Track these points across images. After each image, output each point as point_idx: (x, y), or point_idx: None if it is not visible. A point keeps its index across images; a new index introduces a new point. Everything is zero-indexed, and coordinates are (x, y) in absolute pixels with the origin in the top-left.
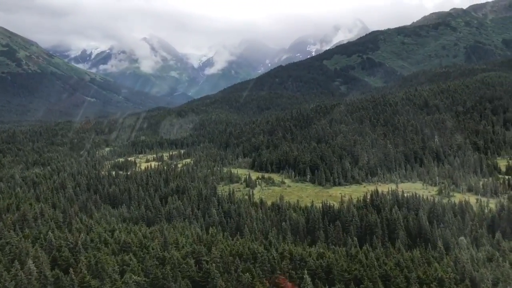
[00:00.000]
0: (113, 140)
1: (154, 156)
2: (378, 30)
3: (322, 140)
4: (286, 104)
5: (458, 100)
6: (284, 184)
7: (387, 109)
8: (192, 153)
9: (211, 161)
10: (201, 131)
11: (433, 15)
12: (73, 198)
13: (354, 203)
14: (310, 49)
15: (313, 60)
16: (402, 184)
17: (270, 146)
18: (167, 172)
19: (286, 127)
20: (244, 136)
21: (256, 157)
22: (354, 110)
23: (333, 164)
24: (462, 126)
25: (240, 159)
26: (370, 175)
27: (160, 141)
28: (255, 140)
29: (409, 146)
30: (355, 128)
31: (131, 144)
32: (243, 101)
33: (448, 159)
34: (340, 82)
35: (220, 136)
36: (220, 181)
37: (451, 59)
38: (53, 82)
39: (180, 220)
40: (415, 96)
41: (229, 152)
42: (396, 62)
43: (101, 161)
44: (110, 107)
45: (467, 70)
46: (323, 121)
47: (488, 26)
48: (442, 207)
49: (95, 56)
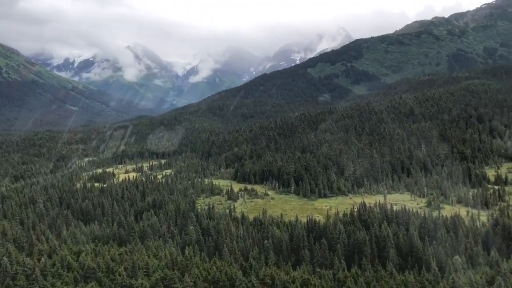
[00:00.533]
0: (93, 150)
1: (134, 166)
2: (361, 39)
3: (307, 149)
4: (270, 112)
5: (443, 108)
6: (268, 196)
7: (373, 117)
8: (174, 163)
9: (192, 171)
10: (184, 140)
11: (415, 24)
12: (43, 214)
13: (341, 217)
14: (294, 57)
15: (298, 68)
16: (389, 195)
17: (254, 156)
18: (144, 184)
19: (270, 136)
20: (227, 145)
21: (239, 168)
22: (339, 119)
23: (318, 175)
24: (448, 135)
25: (223, 169)
26: (357, 186)
27: (141, 151)
28: (238, 150)
29: (396, 155)
30: (340, 137)
31: (111, 155)
32: (227, 109)
33: (436, 169)
34: (324, 90)
35: (202, 146)
36: (201, 193)
37: (434, 67)
38: (34, 91)
39: (155, 238)
40: (400, 104)
41: (211, 162)
42: (379, 70)
43: (79, 173)
44: (93, 116)
45: (451, 78)
46: (308, 129)
47: (469, 34)
48: (434, 222)
49: (78, 64)
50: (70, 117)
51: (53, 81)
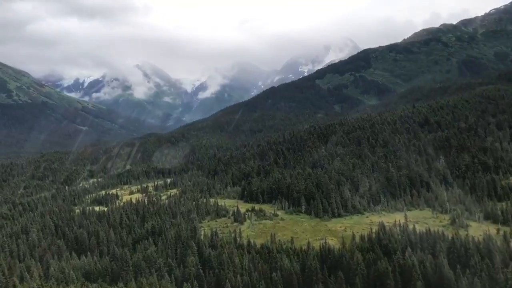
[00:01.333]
0: (98, 171)
1: (139, 187)
2: (369, 48)
3: (317, 164)
4: (279, 126)
5: (459, 116)
6: (277, 216)
7: (386, 128)
8: (179, 182)
9: (197, 191)
10: (190, 157)
11: (423, 31)
12: (35, 245)
13: (358, 242)
14: (302, 70)
15: (305, 80)
16: (409, 212)
17: (261, 173)
18: (145, 208)
19: (278, 151)
20: (234, 162)
21: (246, 186)
22: (351, 130)
23: (331, 192)
24: (467, 144)
25: (229, 188)
26: (373, 203)
27: (147, 170)
28: (245, 167)
29: (413, 168)
30: (353, 150)
31: (117, 175)
32: (235, 124)
33: (457, 181)
34: (333, 101)
35: (209, 163)
36: (205, 215)
37: (444, 74)
38: (44, 112)
39: (151, 272)
40: (414, 113)
41: (217, 180)
42: (389, 79)
43: (82, 196)
44: (102, 135)
45: (464, 84)
46: (318, 143)
47: (479, 40)
48: (464, 245)
49: (88, 84)
50: (79, 137)
51: (63, 101)
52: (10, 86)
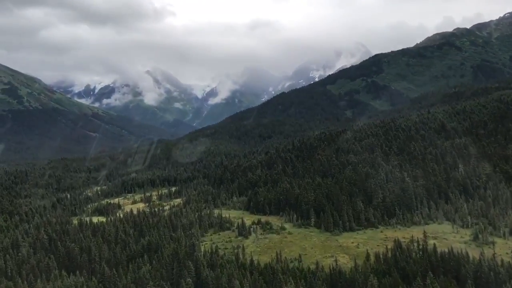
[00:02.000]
0: (104, 178)
1: (143, 196)
2: (381, 53)
3: (328, 173)
4: (289, 132)
5: (477, 122)
6: (284, 230)
7: (400, 135)
8: (184, 191)
9: (202, 201)
10: (197, 165)
11: (436, 36)
12: (24, 261)
13: (372, 264)
14: (313, 75)
15: (316, 86)
16: (426, 226)
17: (269, 182)
18: (143, 221)
19: (287, 159)
20: (240, 170)
21: (252, 197)
22: (363, 137)
23: (342, 204)
24: (488, 152)
25: (235, 198)
26: (387, 216)
27: (152, 178)
28: (252, 175)
29: (431, 178)
30: (366, 159)
31: (121, 183)
32: (244, 130)
33: (478, 192)
34: (345, 107)
35: (215, 171)
36: (208, 228)
37: (458, 79)
38: (55, 118)
39: None
40: (429, 119)
41: (223, 189)
42: (401, 84)
43: (83, 204)
44: (112, 141)
45: (480, 89)
46: (328, 150)
47: (494, 44)
48: (493, 269)
49: (99, 91)
50: (89, 144)
51: (73, 108)
52: (21, 92)
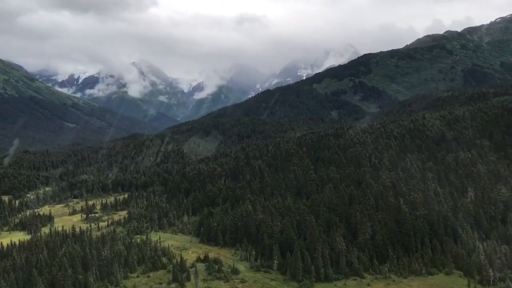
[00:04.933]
0: (55, 178)
1: (89, 203)
2: (370, 53)
3: (303, 191)
4: (269, 132)
5: (481, 131)
6: (237, 274)
7: (392, 144)
8: (134, 201)
9: (146, 219)
10: (158, 168)
11: (427, 38)
12: None
13: None
14: (301, 74)
15: (303, 84)
16: (430, 278)
17: (229, 199)
18: (54, 250)
19: (255, 169)
20: (200, 180)
21: (204, 219)
22: (348, 145)
23: (317, 241)
24: (502, 171)
25: (186, 218)
26: (377, 259)
27: (104, 182)
28: (212, 188)
29: (434, 206)
30: (350, 174)
31: (69, 185)
32: (222, 128)
33: (493, 225)
34: (331, 107)
35: (173, 178)
36: (137, 264)
37: (448, 83)
38: (31, 107)
39: None
40: (425, 125)
41: (175, 204)
42: (390, 86)
43: (13, 213)
44: (91, 134)
45: (476, 94)
46: (306, 159)
47: (485, 49)
48: None
49: (83, 81)
50: (65, 135)
51: (52, 97)
52: None
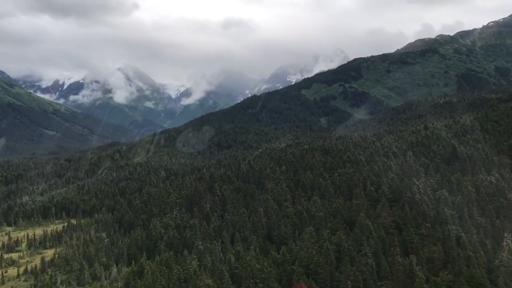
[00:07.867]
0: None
1: (9, 238)
2: (360, 58)
3: (274, 233)
4: (252, 142)
5: (499, 145)
6: None
7: (391, 163)
8: (70, 234)
9: (66, 270)
10: (120, 184)
11: (418, 42)
12: None
13: None
14: (290, 79)
15: (291, 90)
16: None
17: (174, 244)
18: None
19: (219, 196)
20: (146, 212)
21: (131, 279)
22: (337, 165)
23: None
24: None
25: (115, 270)
26: None
27: (47, 206)
28: (158, 224)
29: (451, 253)
30: (339, 210)
31: (6, 209)
32: (202, 138)
33: None
34: (320, 114)
35: (120, 205)
36: None
37: (442, 88)
38: (8, 114)
39: None
40: (431, 138)
41: (111, 245)
42: (381, 92)
43: None
44: (71, 142)
45: (478, 100)
46: (284, 185)
47: (478, 53)
48: None
49: (68, 87)
50: (43, 143)
51: (32, 103)
52: None
